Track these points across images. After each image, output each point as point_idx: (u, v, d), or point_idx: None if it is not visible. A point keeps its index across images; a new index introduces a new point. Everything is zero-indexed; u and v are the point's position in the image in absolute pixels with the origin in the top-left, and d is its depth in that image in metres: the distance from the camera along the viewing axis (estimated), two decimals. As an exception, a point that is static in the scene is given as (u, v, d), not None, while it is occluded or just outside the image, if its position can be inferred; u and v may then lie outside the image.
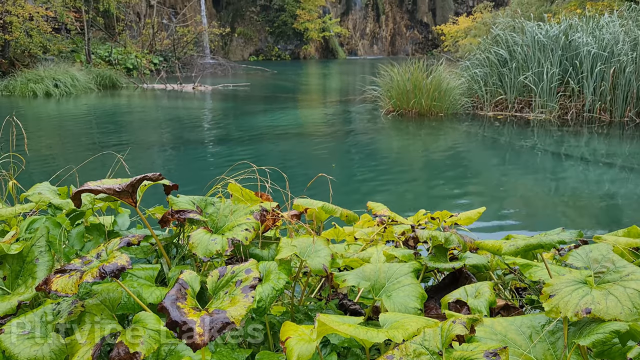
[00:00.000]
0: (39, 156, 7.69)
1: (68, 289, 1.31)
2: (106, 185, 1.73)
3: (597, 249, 1.36)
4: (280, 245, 1.63)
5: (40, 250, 1.65)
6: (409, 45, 75.81)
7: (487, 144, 8.51)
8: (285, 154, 7.64)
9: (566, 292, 1.25)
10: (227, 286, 1.28)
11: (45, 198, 1.93)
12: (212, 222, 1.80)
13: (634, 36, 10.69)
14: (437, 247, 1.82)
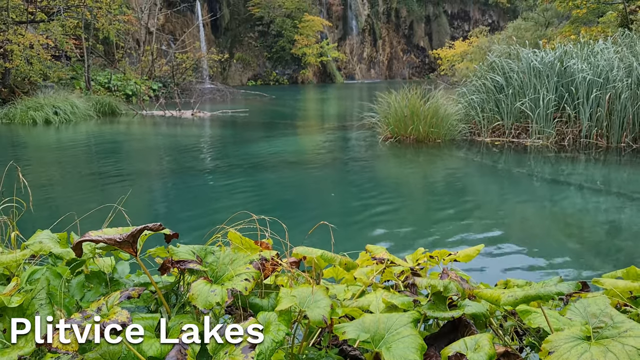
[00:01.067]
0: (39, 187, 7.71)
1: (68, 346, 1.32)
2: (107, 235, 1.74)
3: (595, 303, 1.37)
4: (279, 295, 1.64)
5: (41, 303, 1.65)
6: (406, 69, 76.54)
7: (485, 171, 8.54)
8: (285, 183, 7.66)
9: (565, 348, 1.25)
10: (227, 346, 1.29)
11: (46, 247, 1.95)
12: (212, 272, 1.80)
13: (628, 63, 10.81)
14: (436, 294, 1.82)
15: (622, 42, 12.34)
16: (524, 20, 37.04)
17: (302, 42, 55.46)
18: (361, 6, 68.81)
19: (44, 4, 24.14)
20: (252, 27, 59.23)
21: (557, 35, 22.81)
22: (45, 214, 5.15)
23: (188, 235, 4.98)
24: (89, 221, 2.66)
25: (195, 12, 54.18)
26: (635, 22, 14.96)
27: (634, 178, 7.76)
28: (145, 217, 5.73)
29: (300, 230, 5.24)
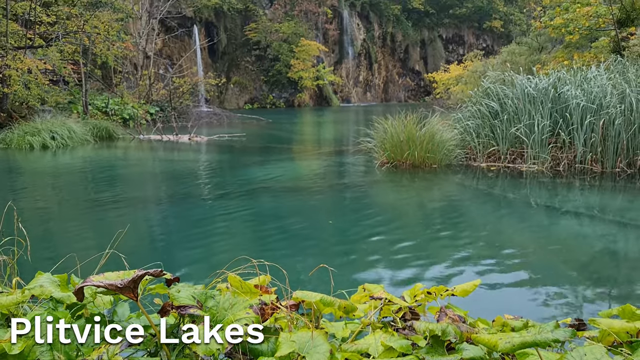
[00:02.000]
0: (36, 215, 7.70)
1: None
2: (108, 281, 1.76)
3: (592, 353, 1.39)
4: (279, 340, 1.65)
5: (42, 350, 1.66)
6: (401, 92, 77.17)
7: (482, 197, 8.58)
8: (282, 210, 7.68)
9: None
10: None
11: (47, 291, 1.96)
12: (212, 316, 1.82)
13: (621, 89, 10.95)
14: (434, 337, 1.84)
15: (614, 68, 12.52)
16: (518, 45, 37.50)
17: (298, 66, 55.95)
18: (357, 31, 69.61)
19: (42, 29, 24.36)
20: (249, 51, 59.77)
21: (551, 60, 23.10)
22: (43, 247, 5.15)
23: (187, 265, 4.99)
24: (88, 254, 2.67)
25: (192, 37, 54.71)
26: (627, 49, 15.18)
27: (630, 205, 7.81)
28: (143, 248, 5.73)
29: (298, 260, 5.26)
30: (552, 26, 19.06)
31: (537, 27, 21.91)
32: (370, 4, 71.01)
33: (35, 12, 22.88)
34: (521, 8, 75.90)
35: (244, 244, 6.00)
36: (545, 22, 19.66)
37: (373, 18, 71.99)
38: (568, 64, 17.41)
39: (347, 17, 67.10)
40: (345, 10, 66.72)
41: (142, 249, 5.62)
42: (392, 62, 76.07)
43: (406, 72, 77.52)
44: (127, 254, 4.31)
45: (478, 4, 75.47)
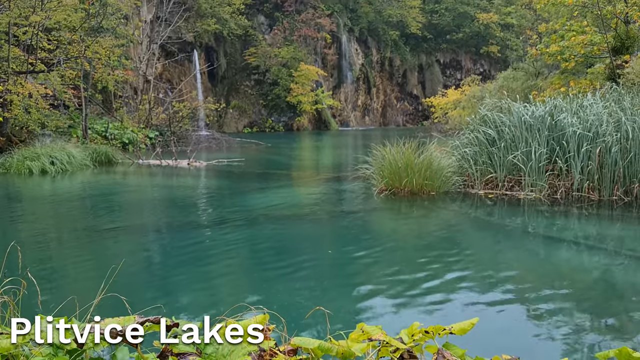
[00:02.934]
0: (34, 244, 7.70)
1: None
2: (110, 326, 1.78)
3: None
4: (278, 389, 1.66)
5: (42, 398, 1.67)
6: (400, 116, 77.65)
7: (480, 226, 8.61)
8: (281, 239, 7.68)
9: None
10: None
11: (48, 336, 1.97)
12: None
13: (617, 117, 11.05)
14: (432, 384, 1.85)
15: (610, 96, 12.65)
16: (515, 70, 37.86)
17: (297, 90, 56.37)
18: (355, 55, 70.33)
19: (44, 55, 24.59)
20: (248, 75, 60.28)
21: (548, 86, 23.32)
22: (42, 280, 5.14)
23: (186, 297, 4.99)
24: (88, 287, 2.68)
25: (192, 61, 55.21)
26: (622, 77, 15.36)
27: (628, 234, 7.83)
28: (141, 281, 5.73)
29: (297, 292, 5.24)
30: (548, 53, 19.30)
31: (533, 54, 22.15)
32: (368, 30, 71.89)
33: (38, 37, 23.13)
34: (518, 34, 76.88)
35: (243, 276, 6.00)
36: (541, 49, 19.91)
37: (371, 43, 72.81)
38: (564, 91, 17.59)
39: (345, 42, 67.83)
40: (343, 35, 67.49)
41: (141, 282, 5.62)
42: (390, 86, 76.71)
43: (404, 96, 78.13)
44: (126, 286, 4.33)
45: (475, 30, 76.41)
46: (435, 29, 77.62)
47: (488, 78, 70.46)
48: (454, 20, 76.76)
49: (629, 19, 18.24)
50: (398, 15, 72.81)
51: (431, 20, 76.84)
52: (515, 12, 78.49)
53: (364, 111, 73.17)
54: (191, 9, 52.17)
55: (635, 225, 8.44)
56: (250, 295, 5.29)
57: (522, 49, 73.62)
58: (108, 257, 6.77)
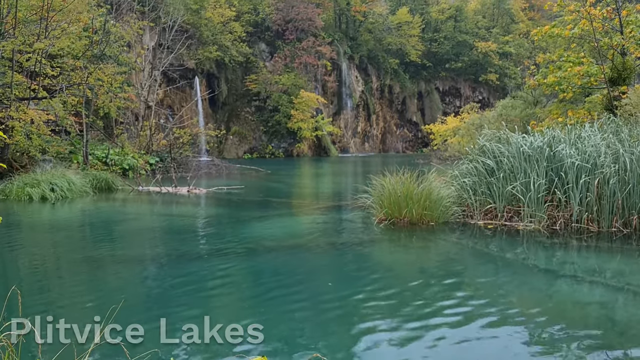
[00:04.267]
0: (32, 274, 7.69)
1: None
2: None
3: None
4: None
5: None
6: (399, 143, 78.03)
7: (480, 259, 8.60)
8: (281, 271, 7.67)
9: None
10: None
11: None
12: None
13: (615, 149, 11.11)
14: None
15: (607, 127, 12.75)
16: (513, 99, 38.20)
17: (297, 117, 56.75)
18: (355, 82, 70.96)
19: (46, 81, 24.81)
20: (249, 102, 60.76)
21: (546, 115, 23.50)
22: (40, 315, 5.12)
23: (185, 335, 4.95)
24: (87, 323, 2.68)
25: (194, 88, 55.70)
26: (619, 108, 15.50)
27: (628, 268, 7.82)
28: (140, 314, 5.71)
29: (297, 328, 5.22)
30: (546, 84, 19.50)
31: (531, 85, 22.37)
32: (368, 57, 72.69)
33: (41, 64, 23.38)
34: (516, 62, 77.77)
35: (241, 310, 5.98)
36: (538, 80, 20.13)
37: (371, 70, 73.55)
38: (562, 121, 17.73)
39: (345, 70, 68.52)
40: (344, 62, 68.21)
41: (139, 315, 5.60)
42: (390, 113, 77.23)
43: (404, 123, 78.60)
44: (124, 320, 4.31)
45: (474, 58, 77.26)
46: (435, 57, 78.50)
47: (487, 105, 71.00)
48: (453, 48, 77.69)
49: (626, 50, 18.49)
50: (397, 43, 73.72)
51: (430, 48, 77.78)
52: (513, 41, 79.53)
53: (363, 138, 73.54)
54: (193, 37, 52.83)
55: (635, 258, 8.43)
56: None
57: (520, 77, 74.43)
58: (107, 291, 6.75)
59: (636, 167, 10.51)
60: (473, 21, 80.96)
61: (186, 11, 49.15)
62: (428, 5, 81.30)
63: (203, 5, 54.10)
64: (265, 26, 63.42)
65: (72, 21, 24.28)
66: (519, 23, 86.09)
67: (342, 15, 72.49)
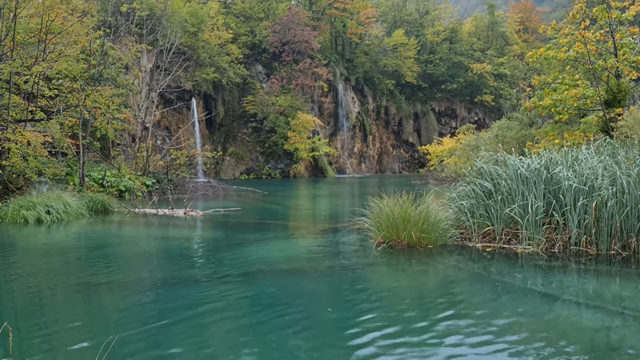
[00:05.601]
0: (27, 299, 7.59)
1: None
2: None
3: None
4: None
5: None
6: (395, 163, 78.24)
7: (479, 283, 8.54)
8: (279, 296, 7.59)
9: None
10: None
11: None
12: None
13: (612, 171, 11.13)
14: None
15: (604, 150, 12.79)
16: (509, 120, 38.40)
17: (294, 138, 56.91)
18: (352, 104, 71.36)
19: (44, 103, 24.86)
20: (246, 123, 60.97)
21: (542, 136, 23.61)
22: (32, 352, 5.04)
23: (181, 357, 4.88)
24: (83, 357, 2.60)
25: (191, 109, 55.88)
26: (615, 130, 15.57)
27: (626, 292, 7.77)
28: (135, 344, 5.62)
29: (296, 357, 5.15)
30: (542, 106, 19.62)
31: (527, 107, 22.50)
32: (364, 79, 73.23)
33: (38, 86, 23.43)
34: (511, 84, 78.44)
35: (238, 335, 5.90)
36: (534, 102, 20.25)
37: (367, 92, 74.04)
38: (559, 142, 17.80)
39: (342, 91, 68.96)
40: (340, 84, 68.67)
41: (134, 349, 5.52)
42: (386, 134, 77.54)
43: (400, 143, 78.88)
44: (119, 357, 4.22)
45: (469, 79, 77.94)
46: (430, 78, 79.18)
47: (483, 126, 71.44)
48: (449, 70, 78.42)
49: (620, 73, 18.65)
50: (393, 65, 74.38)
51: (426, 70, 78.48)
52: (507, 62, 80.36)
53: (360, 158, 73.70)
54: (190, 59, 53.19)
55: (634, 282, 8.38)
56: (246, 357, 5.19)
57: (515, 98, 75.01)
58: (103, 319, 6.65)
59: (634, 190, 10.51)
60: (468, 43, 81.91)
61: (184, 34, 49.59)
62: (423, 27, 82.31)
63: (200, 27, 54.59)
64: (262, 48, 63.98)
65: (70, 44, 24.39)
66: (513, 45, 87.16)
67: (339, 38, 73.26)
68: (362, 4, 73.49)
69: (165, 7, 49.14)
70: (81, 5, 25.00)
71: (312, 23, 66.01)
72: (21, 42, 22.42)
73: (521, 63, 77.79)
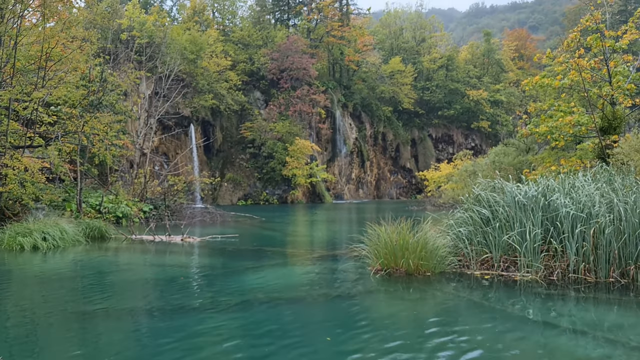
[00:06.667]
0: (22, 327, 7.51)
1: None
2: None
3: None
4: None
5: None
6: (393, 189, 78.30)
7: (477, 311, 8.49)
8: (276, 324, 7.52)
9: None
10: None
11: None
12: None
13: (609, 199, 11.16)
14: None
15: (601, 177, 12.84)
16: (505, 146, 38.61)
17: (292, 164, 57.05)
18: (349, 130, 71.74)
19: (42, 129, 24.94)
20: (243, 149, 61.14)
21: (539, 163, 23.71)
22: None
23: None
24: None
25: (189, 135, 56.08)
26: (612, 157, 15.66)
27: (627, 321, 7.72)
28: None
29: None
30: (538, 133, 19.76)
31: (524, 134, 22.66)
32: (362, 105, 73.76)
33: (37, 112, 23.54)
34: (507, 110, 79.08)
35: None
36: (531, 129, 20.40)
37: (365, 118, 74.51)
38: (555, 169, 17.87)
39: (339, 117, 69.39)
40: (337, 110, 69.13)
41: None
42: (383, 159, 77.78)
43: (397, 169, 79.08)
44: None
45: (466, 106, 78.55)
46: (427, 104, 79.80)
47: (480, 152, 71.79)
48: (445, 96, 79.09)
49: (615, 100, 18.84)
50: (390, 91, 75.03)
51: (423, 96, 79.15)
52: (503, 89, 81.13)
53: (357, 184, 73.78)
54: (189, 85, 53.60)
55: (634, 310, 8.34)
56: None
57: (511, 125, 75.56)
58: (98, 348, 6.58)
59: (631, 217, 10.52)
60: (464, 70, 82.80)
61: (183, 61, 50.07)
62: (420, 55, 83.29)
63: (199, 55, 55.16)
64: (260, 75, 64.55)
65: (70, 70, 24.59)
66: (509, 72, 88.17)
67: (336, 65, 74.02)
68: (359, 32, 74.46)
69: (164, 35, 49.72)
70: (81, 33, 25.23)
71: (310, 50, 66.75)
72: (21, 69, 22.60)
73: (517, 90, 78.53)
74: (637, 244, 10.33)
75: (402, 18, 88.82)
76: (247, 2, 72.89)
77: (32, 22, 24.32)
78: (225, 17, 72.92)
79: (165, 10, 67.48)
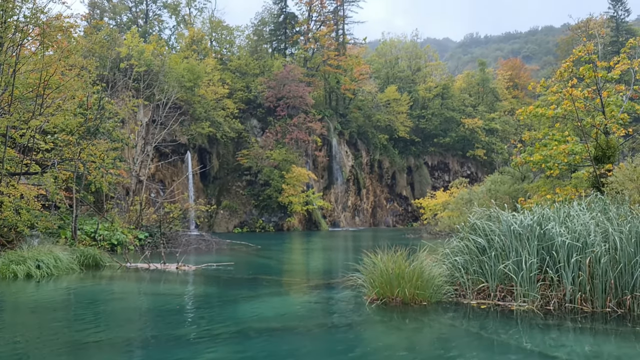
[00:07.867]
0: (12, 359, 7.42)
1: None
2: None
3: None
4: None
5: None
6: (389, 217, 78.22)
7: (474, 341, 8.43)
8: (270, 355, 7.45)
9: None
10: None
11: None
12: None
13: (604, 228, 11.19)
14: None
15: (595, 206, 12.90)
16: (501, 174, 38.79)
17: (288, 191, 57.06)
18: (345, 157, 72.00)
19: (39, 156, 24.97)
20: (240, 176, 61.22)
21: (534, 191, 23.81)
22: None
23: None
24: None
25: (185, 162, 56.16)
26: (606, 186, 15.75)
27: (624, 352, 7.68)
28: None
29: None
30: (532, 162, 19.89)
31: (518, 162, 22.80)
32: (358, 133, 74.20)
33: (34, 139, 23.60)
34: (502, 138, 79.62)
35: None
36: (525, 157, 20.54)
37: (361, 146, 74.87)
38: (550, 198, 17.94)
39: (336, 145, 69.72)
40: (334, 138, 69.51)
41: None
42: (379, 187, 77.90)
43: (394, 197, 79.16)
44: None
45: (461, 134, 79.09)
46: (423, 132, 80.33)
47: (475, 180, 72.00)
48: (441, 124, 79.70)
49: (609, 129, 19.03)
50: (386, 120, 75.57)
51: (419, 124, 79.73)
52: (498, 118, 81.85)
53: (354, 212, 73.74)
54: (186, 113, 53.89)
55: (631, 341, 8.30)
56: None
57: (507, 153, 75.97)
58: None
59: (626, 246, 10.54)
60: (459, 99, 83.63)
61: (180, 89, 50.45)
62: (415, 83, 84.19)
63: (197, 83, 55.60)
64: (257, 103, 65.01)
65: (68, 98, 24.74)
66: (503, 101, 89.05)
67: (332, 93, 74.72)
68: (356, 62, 75.31)
69: (162, 64, 50.20)
70: (80, 62, 25.48)
71: (307, 79, 67.38)
72: (19, 97, 22.73)
73: (512, 118, 79.25)
74: (633, 273, 10.32)
75: (398, 47, 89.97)
76: (245, 32, 73.65)
77: (31, 50, 24.56)
78: (223, 46, 73.79)
79: (163, 39, 68.27)
